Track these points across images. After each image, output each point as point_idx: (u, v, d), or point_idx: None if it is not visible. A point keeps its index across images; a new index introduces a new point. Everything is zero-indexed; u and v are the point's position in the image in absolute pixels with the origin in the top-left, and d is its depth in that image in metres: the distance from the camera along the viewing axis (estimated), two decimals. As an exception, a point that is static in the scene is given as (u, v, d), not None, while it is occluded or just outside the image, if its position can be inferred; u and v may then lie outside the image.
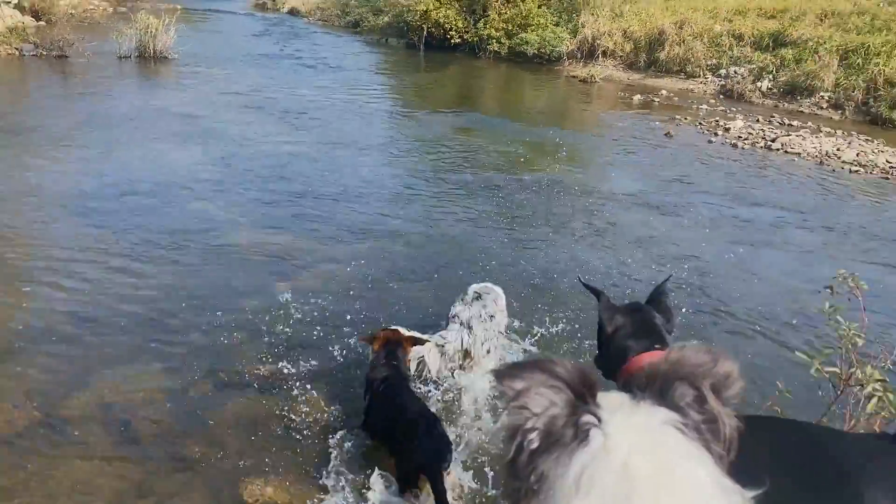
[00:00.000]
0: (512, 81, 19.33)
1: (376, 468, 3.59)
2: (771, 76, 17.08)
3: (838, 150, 11.96)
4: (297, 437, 4.02)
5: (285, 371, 4.60)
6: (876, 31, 16.91)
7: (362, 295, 5.71)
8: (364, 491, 3.52)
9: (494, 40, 21.69)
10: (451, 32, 22.27)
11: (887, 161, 11.40)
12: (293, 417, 4.17)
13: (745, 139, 12.57)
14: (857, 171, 10.98)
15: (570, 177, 9.72)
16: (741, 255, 7.17)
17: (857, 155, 11.69)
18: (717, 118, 14.37)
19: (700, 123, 13.83)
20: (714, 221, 8.26)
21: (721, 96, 17.33)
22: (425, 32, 22.81)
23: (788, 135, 12.83)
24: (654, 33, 19.44)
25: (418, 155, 10.62)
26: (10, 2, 18.92)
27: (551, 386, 1.00)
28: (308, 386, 4.46)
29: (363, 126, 11.90)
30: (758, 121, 14.35)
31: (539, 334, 5.07)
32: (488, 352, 4.47)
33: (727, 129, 13.22)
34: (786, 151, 11.84)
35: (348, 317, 5.28)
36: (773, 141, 12.29)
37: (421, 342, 4.25)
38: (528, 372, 1.02)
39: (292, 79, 16.05)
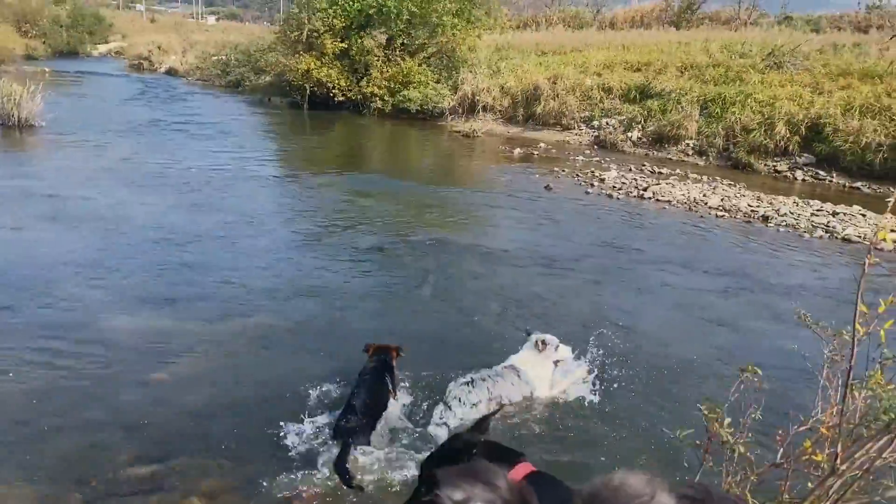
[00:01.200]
0: (397, 138, 19.58)
1: None
2: (640, 126, 18.11)
3: (704, 195, 12.73)
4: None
5: (164, 471, 4.33)
6: (730, 82, 18.31)
7: (248, 375, 5.50)
8: None
9: (378, 98, 22.01)
10: (334, 91, 22.40)
11: (748, 205, 12.22)
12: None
13: (620, 189, 13.18)
14: (722, 216, 11.69)
15: (456, 235, 9.84)
16: (625, 305, 7.43)
17: (722, 200, 12.48)
18: (593, 168, 15.03)
19: (577, 175, 14.41)
20: (599, 273, 8.53)
21: (596, 147, 18.19)
22: (308, 91, 22.85)
23: (658, 183, 13.56)
24: (529, 88, 20.27)
25: (304, 221, 10.48)
26: None
27: (489, 501, 0.98)
28: (191, 484, 4.20)
29: (248, 193, 11.65)
30: (630, 170, 15.12)
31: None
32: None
33: (602, 180, 13.84)
34: (657, 200, 12.48)
35: (231, 400, 5.05)
36: (644, 190, 12.94)
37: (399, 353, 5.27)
38: (468, 483, 1.00)
39: (172, 145, 15.59)
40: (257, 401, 5.14)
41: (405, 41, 22.99)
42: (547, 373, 5.30)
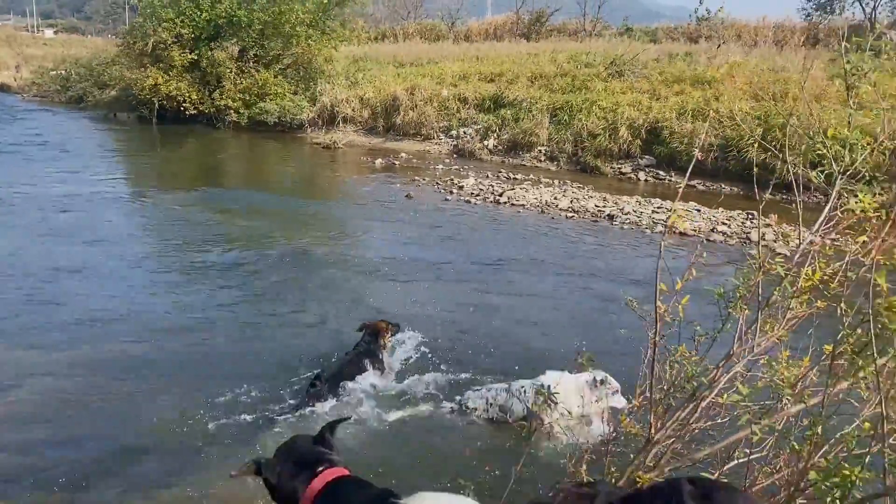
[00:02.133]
0: (255, 151, 19.16)
1: None
2: (495, 135, 18.72)
3: (556, 198, 13.34)
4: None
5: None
6: (577, 91, 19.29)
7: (89, 408, 5.21)
8: None
9: (233, 111, 21.45)
10: (185, 104, 21.62)
11: (596, 206, 12.92)
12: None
13: (478, 195, 13.57)
14: (572, 217, 12.30)
15: (318, 247, 9.78)
16: (484, 303, 7.65)
17: (571, 202, 13.12)
18: (453, 176, 15.38)
19: (437, 183, 14.69)
20: (458, 276, 8.73)
21: (455, 155, 18.62)
22: (157, 106, 21.92)
23: (513, 188, 14.08)
24: (388, 99, 20.46)
25: (158, 242, 10.04)
26: None
27: None
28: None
29: (96, 215, 11.01)
30: (487, 177, 15.59)
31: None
32: None
33: (461, 187, 14.19)
34: (512, 204, 12.95)
35: (66, 436, 4.77)
36: (500, 195, 13.40)
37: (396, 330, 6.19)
38: None
39: (8, 169, 14.47)
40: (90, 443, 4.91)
41: (259, 52, 22.57)
42: (590, 409, 4.96)
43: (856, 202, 2.34)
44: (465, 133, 19.10)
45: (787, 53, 22.28)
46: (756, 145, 12.02)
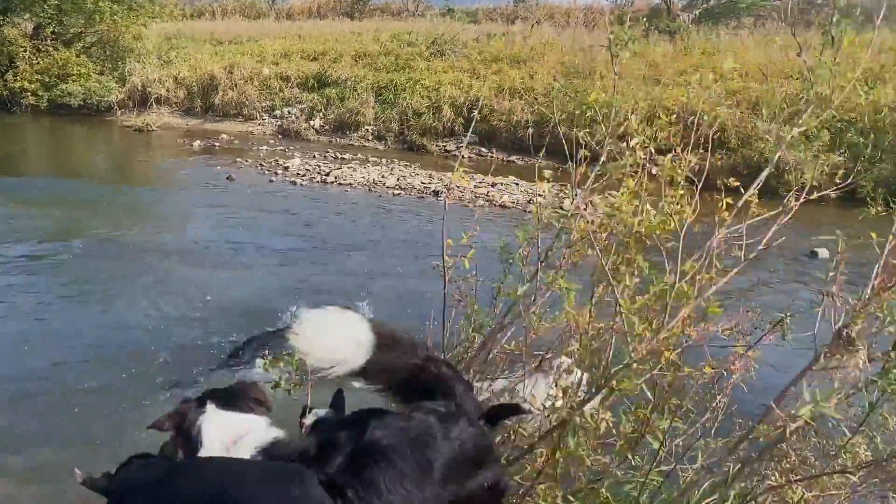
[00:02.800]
0: (59, 137, 17.64)
1: None
2: (321, 114, 18.48)
3: (383, 177, 13.44)
4: None
5: None
6: (400, 69, 19.44)
7: None
8: None
9: (29, 93, 19.54)
10: (-29, 87, 19.44)
11: (422, 182, 13.18)
12: None
13: (304, 175, 13.38)
14: (399, 194, 12.46)
15: (130, 236, 9.22)
16: (311, 285, 7.59)
17: (398, 180, 13.29)
18: (277, 158, 15.03)
19: (261, 164, 14.30)
20: (281, 260, 8.59)
21: (280, 136, 18.17)
22: (-65, 88, 19.55)
23: (340, 168, 14.01)
24: (205, 79, 19.56)
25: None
26: None
27: None
28: None
29: None
30: (314, 157, 15.39)
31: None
32: None
33: (286, 168, 13.91)
34: (339, 183, 12.90)
35: None
36: (327, 175, 13.30)
37: None
38: None
39: None
40: None
41: (57, 29, 20.68)
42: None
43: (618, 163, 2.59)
44: (289, 113, 18.68)
45: (595, 34, 23.71)
46: (564, 121, 12.73)
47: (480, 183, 13.28)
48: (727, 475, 2.98)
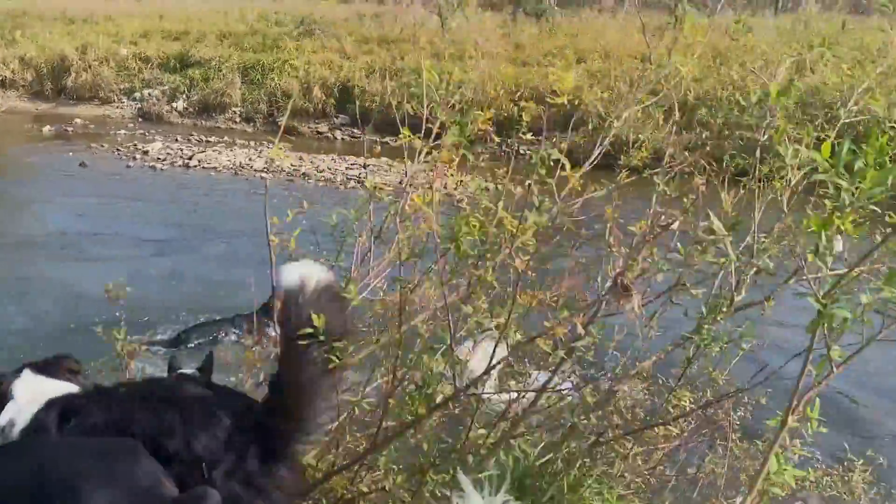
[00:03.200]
0: None
1: None
2: (185, 96, 17.70)
3: (250, 160, 13.09)
4: None
5: None
6: (268, 50, 18.89)
7: None
8: None
9: None
10: None
11: (291, 164, 12.91)
12: None
13: (164, 160, 12.81)
14: (267, 177, 12.15)
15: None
16: (162, 273, 7.30)
17: (266, 163, 12.96)
18: (137, 142, 14.30)
19: (118, 149, 13.57)
20: (134, 246, 8.22)
21: (140, 119, 17.26)
22: None
23: (205, 151, 13.52)
24: (56, 59, 18.29)
25: None
26: None
27: None
28: None
29: None
30: (177, 140, 14.74)
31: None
32: None
33: (146, 152, 13.27)
34: (203, 167, 12.45)
35: None
36: (190, 158, 12.80)
37: None
38: None
39: None
40: None
41: None
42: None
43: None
44: (150, 95, 17.77)
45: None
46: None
47: (352, 165, 13.20)
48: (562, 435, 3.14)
